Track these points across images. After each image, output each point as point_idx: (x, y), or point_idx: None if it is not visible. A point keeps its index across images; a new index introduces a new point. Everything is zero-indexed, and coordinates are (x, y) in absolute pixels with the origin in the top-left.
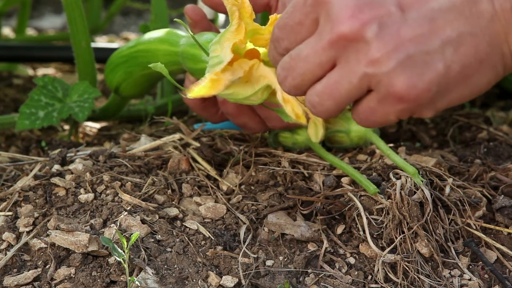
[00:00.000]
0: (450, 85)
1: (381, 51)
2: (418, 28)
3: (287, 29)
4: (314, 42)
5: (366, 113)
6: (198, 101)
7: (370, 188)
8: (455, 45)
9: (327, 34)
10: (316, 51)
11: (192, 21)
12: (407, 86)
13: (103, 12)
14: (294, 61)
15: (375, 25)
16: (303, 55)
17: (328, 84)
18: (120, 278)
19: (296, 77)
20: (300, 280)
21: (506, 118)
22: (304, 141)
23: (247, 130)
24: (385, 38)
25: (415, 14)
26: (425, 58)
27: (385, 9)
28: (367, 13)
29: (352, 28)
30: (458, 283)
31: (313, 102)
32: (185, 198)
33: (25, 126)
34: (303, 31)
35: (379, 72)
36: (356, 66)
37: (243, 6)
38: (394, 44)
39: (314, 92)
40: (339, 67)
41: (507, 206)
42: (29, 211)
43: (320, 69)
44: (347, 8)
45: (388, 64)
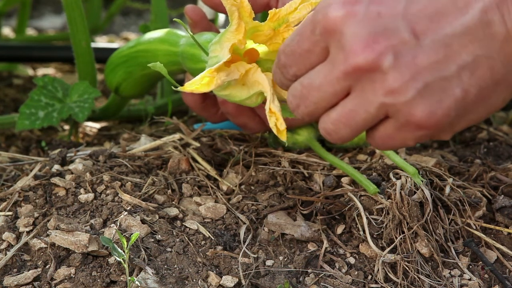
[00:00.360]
0: (468, 108)
1: (398, 81)
2: (434, 54)
3: (296, 56)
4: (327, 72)
5: (383, 139)
6: (198, 101)
7: (370, 188)
8: (472, 69)
9: (341, 65)
10: (330, 81)
11: (192, 21)
12: (427, 114)
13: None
14: (307, 90)
15: (390, 54)
16: (316, 84)
17: (343, 113)
18: (120, 278)
19: (309, 105)
20: (300, 280)
21: (506, 118)
22: (304, 141)
23: (247, 130)
24: (401, 67)
25: (430, 41)
26: (442, 84)
27: (399, 37)
28: (381, 43)
29: (367, 59)
30: (458, 283)
31: (328, 130)
32: (185, 198)
33: (25, 126)
34: (313, 58)
35: (398, 102)
36: (373, 96)
37: (242, 6)
38: (411, 73)
39: (329, 120)
40: (355, 95)
41: (507, 206)
42: (29, 211)
43: (334, 97)
44: (361, 38)
45: (406, 94)
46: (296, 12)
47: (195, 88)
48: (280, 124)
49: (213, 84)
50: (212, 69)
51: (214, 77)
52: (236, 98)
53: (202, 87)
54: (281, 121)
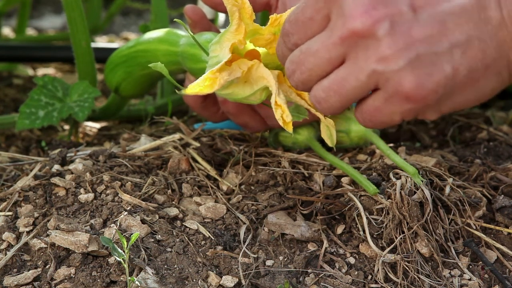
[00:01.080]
0: (457, 88)
1: (391, 49)
2: (429, 29)
3: (298, 24)
4: (325, 38)
5: (370, 112)
6: (198, 101)
7: (370, 189)
8: (463, 48)
9: (339, 30)
10: (327, 46)
11: (192, 21)
12: (416, 85)
13: (103, 12)
14: (304, 55)
15: (387, 22)
16: (313, 49)
17: (335, 80)
18: (120, 278)
19: (304, 71)
20: (300, 280)
21: (506, 118)
22: (304, 141)
23: (247, 129)
24: (396, 36)
25: (426, 15)
26: (434, 59)
27: (398, 8)
28: (380, 11)
29: (364, 24)
30: (458, 283)
31: (318, 98)
32: (185, 198)
33: (25, 125)
34: (314, 26)
35: (389, 69)
36: (365, 63)
37: (243, 7)
38: (404, 43)
39: (321, 87)
40: (348, 63)
41: (507, 206)
42: (29, 211)
43: (329, 64)
44: (360, 4)
45: (398, 62)
46: None
47: (198, 91)
48: (286, 116)
49: (216, 85)
50: (214, 70)
51: (216, 78)
52: (239, 95)
53: (206, 89)
54: (287, 113)
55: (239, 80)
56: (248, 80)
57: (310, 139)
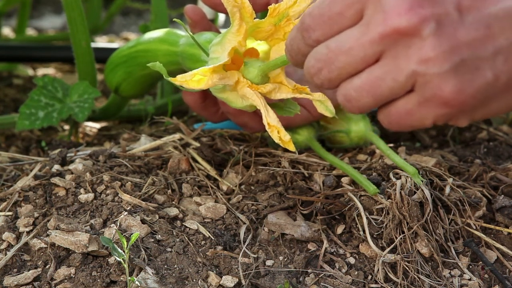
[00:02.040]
0: (494, 95)
1: (436, 50)
2: (475, 32)
3: (323, 19)
4: (360, 34)
5: (400, 115)
6: (198, 101)
7: (370, 189)
8: (506, 54)
9: (378, 26)
10: (362, 43)
11: (192, 21)
12: (457, 90)
13: (103, 12)
14: (334, 54)
15: (433, 22)
16: (345, 47)
17: (369, 80)
18: (120, 278)
19: (333, 70)
20: (300, 280)
21: (506, 118)
22: (304, 141)
23: (247, 130)
24: (442, 37)
25: (472, 18)
26: (477, 64)
27: (445, 8)
28: (426, 9)
29: (410, 22)
30: (458, 283)
31: (348, 97)
32: (185, 198)
33: (25, 126)
34: (343, 22)
35: (430, 72)
36: (405, 63)
37: (243, 7)
38: (450, 45)
39: (352, 86)
40: (385, 62)
41: (507, 206)
42: (29, 211)
43: (362, 63)
44: (406, 1)
45: (442, 65)
46: (295, 5)
47: (184, 82)
48: (284, 135)
49: (204, 83)
50: (206, 69)
51: (206, 77)
52: (233, 104)
53: (192, 83)
54: (283, 132)
55: (232, 88)
56: (239, 93)
57: (310, 139)
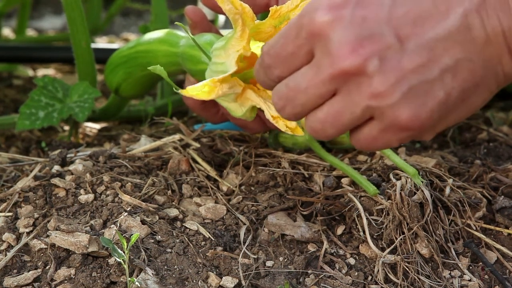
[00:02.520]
0: (450, 109)
1: (384, 85)
2: (418, 58)
3: (280, 58)
4: (313, 75)
5: (367, 141)
6: (198, 102)
7: (370, 189)
8: (453, 72)
9: (327, 69)
10: (316, 84)
11: (192, 22)
12: (411, 116)
13: (103, 13)
14: (293, 92)
15: (376, 59)
16: (302, 87)
17: (330, 113)
18: (120, 278)
19: (296, 106)
20: (300, 281)
21: (506, 119)
22: (304, 142)
23: (247, 131)
24: (387, 71)
25: (413, 45)
26: (426, 87)
27: (385, 42)
28: (367, 48)
29: (353, 63)
30: (458, 283)
31: (315, 128)
32: (185, 198)
33: (25, 126)
34: (297, 61)
35: (383, 105)
36: (359, 98)
37: (244, 12)
38: (396, 77)
39: (316, 119)
40: (341, 97)
41: (507, 207)
42: (29, 212)
43: (320, 99)
44: (347, 43)
45: (391, 97)
46: (297, 9)
47: (195, 94)
48: (290, 123)
49: (214, 93)
50: (216, 80)
51: (216, 87)
52: (233, 113)
53: (203, 95)
54: (288, 121)
55: (233, 98)
56: (239, 101)
57: (310, 140)
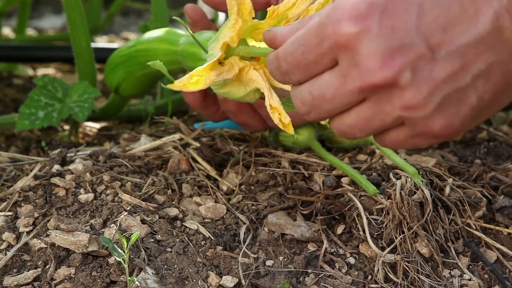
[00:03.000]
0: (481, 112)
1: (417, 98)
2: (450, 66)
3: (300, 66)
4: (339, 85)
5: (394, 143)
6: (198, 100)
7: (370, 189)
8: (486, 76)
9: (356, 81)
10: (343, 94)
11: (192, 20)
12: (445, 126)
13: (103, 12)
14: (318, 101)
15: (408, 71)
16: (328, 96)
17: (359, 120)
18: (120, 278)
19: (321, 113)
20: (300, 280)
21: (506, 118)
22: (304, 141)
23: (247, 129)
24: (419, 83)
25: (445, 53)
26: (459, 95)
27: (416, 52)
28: (398, 60)
29: (385, 77)
30: (458, 283)
31: (342, 131)
32: (185, 198)
33: (25, 126)
34: (319, 68)
35: (416, 116)
36: (390, 108)
37: (243, 3)
38: (429, 89)
39: (344, 123)
40: (370, 105)
41: (507, 206)
42: (29, 211)
43: (348, 106)
44: (377, 55)
45: (425, 109)
46: (294, 7)
47: (183, 86)
48: (285, 118)
49: (202, 83)
50: (201, 69)
51: (203, 76)
52: (235, 95)
53: (191, 86)
54: (284, 115)
55: (233, 80)
56: (241, 81)
57: (310, 139)
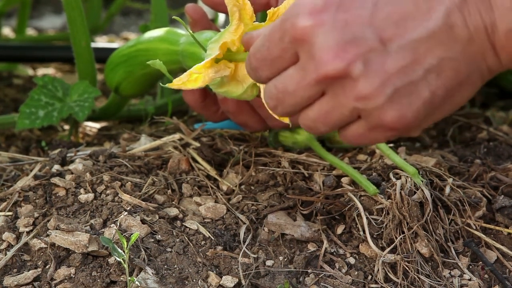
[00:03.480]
0: (435, 107)
1: (369, 88)
2: (401, 60)
3: (266, 62)
4: (299, 78)
5: (355, 137)
6: (198, 100)
7: (370, 189)
8: (437, 71)
9: (312, 73)
10: (303, 87)
11: (193, 20)
12: (397, 117)
13: (103, 12)
14: (282, 94)
15: (360, 62)
16: (290, 90)
17: (320, 113)
18: (120, 278)
19: (286, 107)
20: (300, 280)
21: (506, 118)
22: (304, 141)
23: (247, 129)
24: (371, 74)
25: (397, 46)
26: (411, 88)
27: (368, 45)
28: (350, 52)
29: (337, 68)
30: (458, 283)
31: (307, 126)
32: (185, 198)
33: (25, 125)
34: (283, 63)
35: (368, 107)
36: (345, 100)
37: (244, 8)
38: (380, 80)
39: (307, 117)
40: (328, 98)
41: (507, 206)
42: (29, 211)
43: (309, 100)
44: (330, 47)
45: (376, 100)
46: None
47: (182, 84)
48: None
49: (201, 81)
50: (200, 66)
51: (201, 73)
52: (234, 94)
53: (190, 84)
54: None
55: (230, 78)
56: (238, 79)
57: (310, 139)
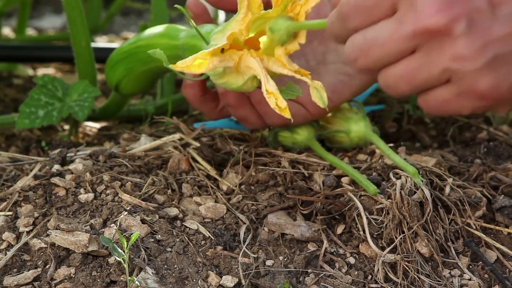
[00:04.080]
0: None
1: (469, 49)
2: (509, 26)
3: (360, 9)
4: (394, 29)
5: (438, 103)
6: (197, 94)
7: (370, 189)
8: None
9: (410, 25)
10: (396, 39)
11: (194, 14)
12: (492, 86)
13: (103, 12)
14: (369, 45)
15: (464, 21)
16: (380, 40)
17: (405, 71)
18: (120, 278)
19: (369, 60)
20: (300, 280)
21: (506, 118)
22: (303, 141)
23: (247, 125)
24: (473, 35)
25: (506, 11)
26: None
27: (475, 5)
28: (456, 8)
29: (440, 22)
30: (458, 283)
31: (387, 84)
32: (185, 198)
33: (25, 125)
34: (378, 13)
35: (464, 69)
36: (439, 59)
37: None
38: (482, 43)
39: (390, 74)
40: (420, 55)
41: (507, 206)
42: (29, 211)
43: (397, 55)
44: (435, 1)
45: (475, 62)
46: None
47: (185, 67)
48: (281, 102)
49: (205, 66)
50: (206, 52)
51: (206, 60)
52: (233, 85)
53: (193, 68)
54: (280, 99)
55: (232, 70)
56: (239, 70)
57: (309, 139)
